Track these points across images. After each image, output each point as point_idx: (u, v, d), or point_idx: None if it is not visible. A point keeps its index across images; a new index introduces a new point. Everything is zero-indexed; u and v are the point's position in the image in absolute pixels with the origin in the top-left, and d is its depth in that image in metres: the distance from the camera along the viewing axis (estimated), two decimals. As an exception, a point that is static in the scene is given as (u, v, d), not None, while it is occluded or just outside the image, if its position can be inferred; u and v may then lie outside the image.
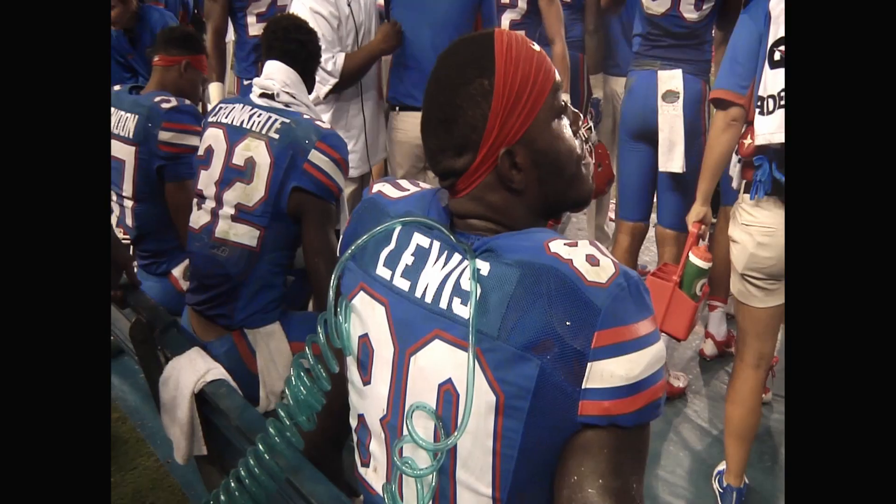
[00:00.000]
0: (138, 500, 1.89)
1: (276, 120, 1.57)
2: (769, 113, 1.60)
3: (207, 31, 2.71)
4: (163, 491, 1.92)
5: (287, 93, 1.67)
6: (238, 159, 1.57)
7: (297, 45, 1.70)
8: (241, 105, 1.64)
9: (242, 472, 0.87)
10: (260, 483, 0.86)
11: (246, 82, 2.78)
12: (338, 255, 0.88)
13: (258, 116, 1.59)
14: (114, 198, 1.99)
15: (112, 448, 2.01)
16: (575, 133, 0.82)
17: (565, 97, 0.94)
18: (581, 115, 0.86)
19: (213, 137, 1.63)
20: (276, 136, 1.54)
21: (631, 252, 2.67)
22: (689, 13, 2.28)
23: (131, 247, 2.02)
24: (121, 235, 2.00)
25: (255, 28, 2.66)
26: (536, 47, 0.79)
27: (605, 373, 0.66)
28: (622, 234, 2.65)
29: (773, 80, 1.61)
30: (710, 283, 2.14)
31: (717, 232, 2.61)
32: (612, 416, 0.67)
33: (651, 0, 2.31)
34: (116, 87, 2.02)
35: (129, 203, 1.95)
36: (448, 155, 0.79)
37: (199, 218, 1.65)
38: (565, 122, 0.81)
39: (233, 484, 0.87)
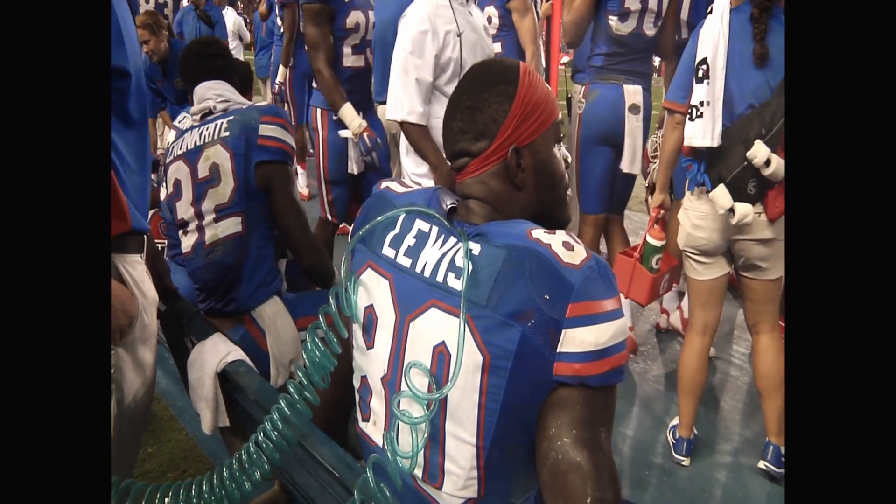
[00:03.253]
0: (173, 467, 1.92)
1: (221, 122, 1.53)
2: (693, 120, 1.68)
3: (319, 62, 2.36)
4: (193, 460, 1.94)
5: (221, 101, 1.63)
6: (203, 172, 1.52)
7: (214, 60, 1.66)
8: (190, 131, 1.59)
9: (260, 437, 0.88)
10: (276, 445, 0.87)
11: (336, 118, 2.46)
12: (348, 240, 0.90)
13: (207, 130, 1.55)
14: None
15: (149, 424, 2.03)
16: (566, 168, 0.88)
17: None
18: (569, 156, 0.92)
19: (176, 170, 1.57)
20: (227, 133, 1.51)
21: (594, 242, 2.69)
22: (650, 30, 2.32)
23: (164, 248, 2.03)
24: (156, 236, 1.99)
25: (349, 59, 2.46)
26: (549, 87, 0.86)
27: (577, 339, 0.69)
28: (587, 226, 2.64)
29: (697, 93, 1.67)
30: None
31: (672, 222, 2.66)
32: (582, 377, 0.69)
33: (620, 23, 2.29)
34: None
35: None
36: (468, 137, 0.83)
37: (187, 242, 1.57)
38: (562, 151, 0.88)
39: (252, 447, 0.89)
